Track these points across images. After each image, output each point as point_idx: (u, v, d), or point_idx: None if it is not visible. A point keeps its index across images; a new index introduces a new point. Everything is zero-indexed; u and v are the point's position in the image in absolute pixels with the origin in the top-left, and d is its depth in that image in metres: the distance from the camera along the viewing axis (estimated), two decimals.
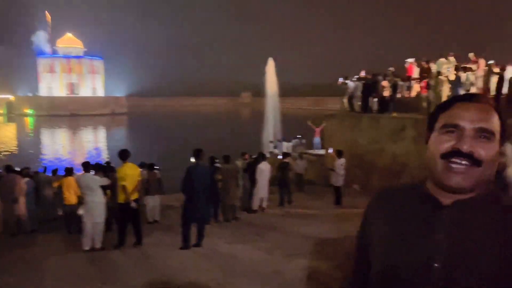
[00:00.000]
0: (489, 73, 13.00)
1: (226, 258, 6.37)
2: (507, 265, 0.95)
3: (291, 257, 6.21)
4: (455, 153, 1.00)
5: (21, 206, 9.45)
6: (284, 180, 12.40)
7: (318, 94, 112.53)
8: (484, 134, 1.00)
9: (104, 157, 28.81)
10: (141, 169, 11.24)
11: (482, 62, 13.77)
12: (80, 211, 8.85)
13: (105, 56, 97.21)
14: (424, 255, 1.01)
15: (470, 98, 1.06)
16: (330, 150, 13.36)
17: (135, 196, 7.36)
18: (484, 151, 0.99)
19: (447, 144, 1.02)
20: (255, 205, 11.44)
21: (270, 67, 32.51)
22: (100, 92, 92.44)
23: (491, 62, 13.64)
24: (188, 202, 7.27)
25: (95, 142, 46.52)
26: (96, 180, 7.36)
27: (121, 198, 7.27)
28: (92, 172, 7.65)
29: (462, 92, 12.06)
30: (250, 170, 11.64)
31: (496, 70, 13.28)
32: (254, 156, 12.72)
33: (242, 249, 7.05)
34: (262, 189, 11.40)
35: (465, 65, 13.44)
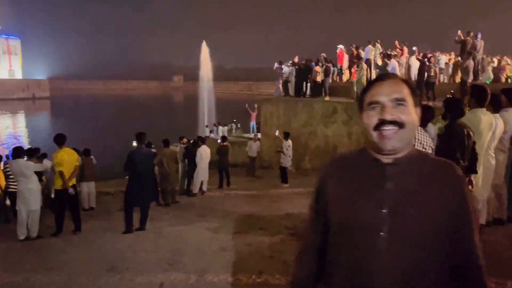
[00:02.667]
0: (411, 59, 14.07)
1: (171, 239, 6.42)
2: (439, 207, 1.24)
3: (235, 235, 6.42)
4: (382, 123, 1.25)
5: None
6: (223, 163, 12.58)
7: (250, 79, 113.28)
8: (399, 102, 1.26)
9: (26, 144, 26.89)
10: None
11: (405, 49, 14.84)
12: (7, 201, 8.38)
13: (23, 35, 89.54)
14: (375, 203, 1.26)
15: (383, 78, 1.34)
16: (277, 133, 13.75)
17: (72, 182, 7.11)
18: (404, 115, 1.25)
19: (374, 118, 1.28)
20: (196, 188, 11.50)
21: (204, 50, 32.13)
22: (18, 75, 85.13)
23: (414, 49, 14.77)
24: (130, 186, 7.19)
25: (13, 128, 43.11)
26: (30, 166, 6.98)
27: (58, 184, 6.99)
28: (25, 158, 7.23)
29: None
30: (190, 154, 11.66)
31: (418, 57, 14.40)
32: (192, 141, 12.72)
33: (186, 230, 7.14)
34: (202, 172, 11.49)
35: (390, 52, 14.39)
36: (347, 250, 1.29)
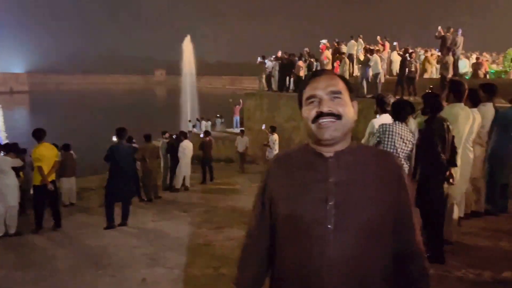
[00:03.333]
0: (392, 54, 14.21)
1: (154, 235, 6.38)
2: (381, 196, 1.29)
3: (219, 230, 6.42)
4: (320, 115, 1.29)
5: None
6: (206, 158, 12.53)
7: (233, 73, 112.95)
8: (335, 95, 1.31)
9: (4, 139, 26.32)
10: None
11: (387, 44, 14.99)
12: None
13: None
14: (320, 197, 1.28)
15: (319, 73, 1.39)
16: (263, 127, 13.73)
17: (52, 177, 6.98)
18: (340, 107, 1.30)
19: (312, 111, 1.32)
20: (178, 183, 11.43)
21: (187, 44, 31.83)
22: None
23: (395, 44, 14.93)
24: (111, 181, 7.10)
25: None
26: (8, 161, 6.82)
27: (37, 180, 6.85)
28: (2, 153, 7.05)
29: (370, 72, 13.08)
30: (172, 149, 11.58)
31: (400, 52, 14.56)
32: (174, 135, 12.62)
33: (169, 225, 7.10)
34: (184, 167, 11.42)
35: (372, 48, 14.51)
36: (294, 244, 1.31)
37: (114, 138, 7.50)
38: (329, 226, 1.25)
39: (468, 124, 4.30)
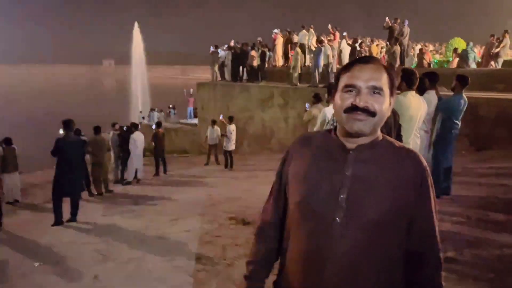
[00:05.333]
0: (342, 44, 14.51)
1: (105, 230, 6.16)
2: (397, 196, 1.23)
3: (173, 222, 6.30)
4: (354, 108, 1.24)
5: None
6: (159, 150, 12.26)
7: (184, 63, 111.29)
8: (375, 90, 1.24)
9: None
10: None
11: (337, 34, 15.28)
12: None
13: None
14: (334, 188, 1.25)
15: (365, 60, 1.30)
16: (221, 117, 13.51)
17: None
18: (377, 104, 1.24)
19: (347, 101, 1.25)
20: (130, 176, 11.13)
21: (136, 32, 30.83)
22: None
23: (344, 34, 15.24)
24: (59, 176, 6.75)
25: None
26: None
27: None
28: None
29: (321, 61, 13.28)
30: (123, 140, 11.22)
31: (349, 42, 14.89)
32: (125, 127, 12.23)
33: (121, 219, 6.88)
34: (136, 159, 11.12)
35: (323, 37, 14.74)
36: (303, 231, 1.29)
37: (61, 131, 7.12)
38: (337, 219, 1.22)
39: (419, 111, 4.47)
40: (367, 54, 13.80)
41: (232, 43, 17.57)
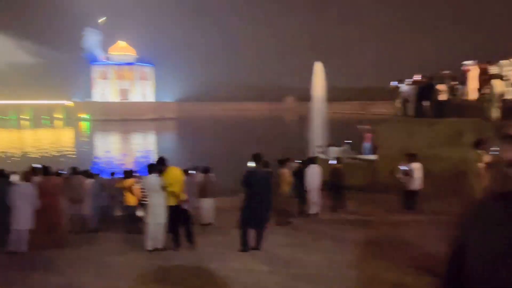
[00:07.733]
0: None
1: (286, 261, 6.37)
2: None
3: (353, 263, 6.12)
4: None
5: (86, 206, 9.96)
6: (336, 185, 12.22)
7: (362, 99, 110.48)
8: None
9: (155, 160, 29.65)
10: (195, 172, 11.56)
11: None
12: (140, 213, 9.20)
13: (156, 63, 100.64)
14: None
15: None
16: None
17: (183, 196, 7.60)
18: None
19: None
20: (310, 208, 11.36)
21: (318, 70, 32.24)
22: (151, 98, 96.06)
23: None
24: (246, 206, 7.30)
25: (144, 145, 48.24)
26: (160, 182, 7.57)
27: (171, 201, 7.50)
28: (156, 174, 7.80)
29: None
30: (300, 174, 11.58)
31: None
32: (302, 161, 12.60)
33: (302, 251, 7.02)
34: (314, 193, 11.32)
35: None
36: None
37: (250, 163, 7.76)
38: None
39: None
40: None
41: (417, 77, 16.67)
